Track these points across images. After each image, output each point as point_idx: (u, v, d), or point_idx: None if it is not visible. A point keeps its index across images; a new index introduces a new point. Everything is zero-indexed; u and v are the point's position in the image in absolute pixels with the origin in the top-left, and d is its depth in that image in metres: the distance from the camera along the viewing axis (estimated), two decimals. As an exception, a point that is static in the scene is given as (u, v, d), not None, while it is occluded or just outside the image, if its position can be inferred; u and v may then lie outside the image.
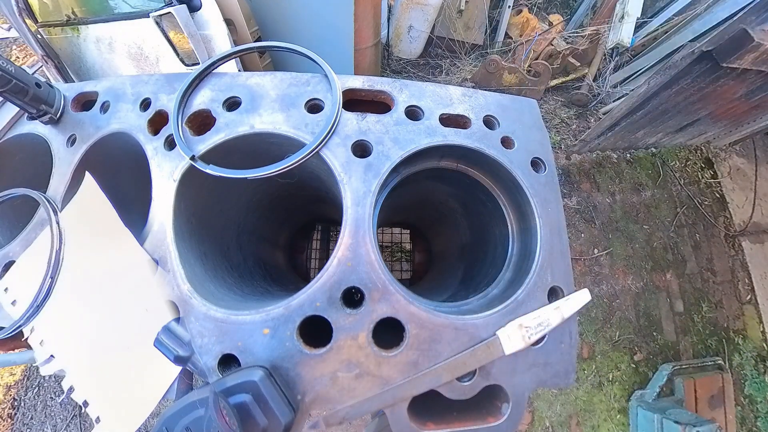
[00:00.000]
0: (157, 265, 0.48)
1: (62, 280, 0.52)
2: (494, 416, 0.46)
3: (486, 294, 0.53)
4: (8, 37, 3.21)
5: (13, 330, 0.51)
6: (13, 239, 0.57)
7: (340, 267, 0.45)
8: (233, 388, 0.39)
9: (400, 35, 2.85)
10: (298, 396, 0.43)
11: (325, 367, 0.43)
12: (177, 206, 0.51)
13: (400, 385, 0.43)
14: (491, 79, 2.46)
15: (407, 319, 0.44)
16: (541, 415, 1.77)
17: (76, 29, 1.63)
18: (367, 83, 0.54)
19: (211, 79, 0.55)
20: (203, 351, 0.44)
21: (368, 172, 0.49)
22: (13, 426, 1.90)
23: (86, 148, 0.57)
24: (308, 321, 0.44)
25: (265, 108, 0.52)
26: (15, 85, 0.52)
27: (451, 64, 2.91)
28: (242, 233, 0.77)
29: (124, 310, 0.49)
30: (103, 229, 0.52)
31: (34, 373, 2.02)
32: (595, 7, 2.88)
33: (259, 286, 0.71)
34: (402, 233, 1.35)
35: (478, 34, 2.94)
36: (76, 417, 1.86)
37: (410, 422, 0.44)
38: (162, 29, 1.39)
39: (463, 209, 0.78)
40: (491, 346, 0.43)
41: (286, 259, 1.14)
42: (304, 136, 0.50)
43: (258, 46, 0.59)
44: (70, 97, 0.62)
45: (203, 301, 0.46)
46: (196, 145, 0.50)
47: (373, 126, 0.51)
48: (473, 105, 0.54)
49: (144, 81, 0.58)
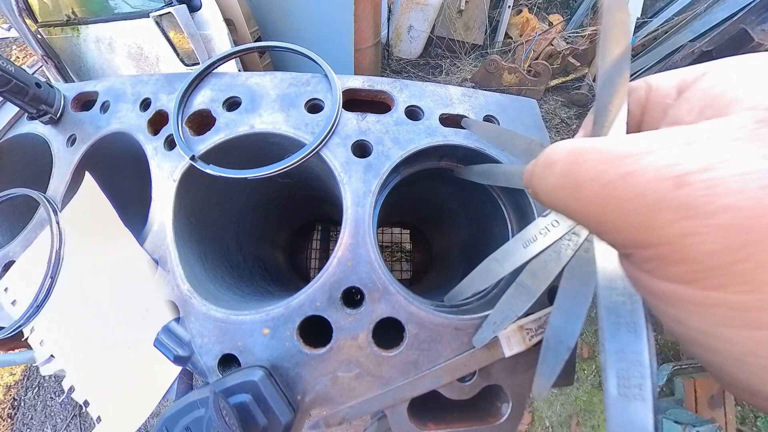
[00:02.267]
0: (157, 265, 0.48)
1: (62, 280, 0.52)
2: (494, 416, 0.46)
3: (486, 294, 0.53)
4: (8, 37, 3.21)
5: (13, 330, 0.51)
6: (13, 239, 0.57)
7: (340, 267, 0.45)
8: (233, 388, 0.39)
9: (400, 35, 2.85)
10: (298, 396, 0.43)
11: (325, 367, 0.43)
12: (177, 206, 0.51)
13: (401, 385, 0.43)
14: (491, 79, 2.46)
15: (407, 319, 0.44)
16: (541, 415, 1.77)
17: (76, 29, 1.63)
18: (367, 83, 0.54)
19: (211, 79, 0.55)
20: (203, 351, 0.44)
21: (368, 172, 0.49)
22: (13, 426, 1.90)
23: (86, 148, 0.57)
24: (308, 321, 0.44)
25: (265, 108, 0.52)
26: (15, 85, 0.52)
27: (451, 64, 2.91)
28: (242, 233, 0.77)
29: (124, 310, 0.49)
30: (103, 229, 0.52)
31: (34, 373, 2.02)
32: (595, 7, 2.88)
33: (259, 286, 0.71)
34: (402, 233, 1.34)
35: (478, 34, 2.94)
36: (76, 417, 1.86)
37: (410, 422, 0.44)
38: (162, 29, 1.39)
39: (463, 209, 0.78)
40: (491, 347, 0.43)
41: (286, 259, 1.14)
42: (304, 136, 0.50)
43: (258, 46, 0.59)
44: (70, 97, 0.62)
45: (203, 301, 0.46)
46: (196, 145, 0.50)
47: (373, 126, 0.51)
48: (473, 105, 0.54)
49: (144, 81, 0.58)
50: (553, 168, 0.18)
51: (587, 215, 0.16)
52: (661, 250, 0.14)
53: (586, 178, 0.16)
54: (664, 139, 0.15)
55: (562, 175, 0.17)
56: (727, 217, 0.12)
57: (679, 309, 0.15)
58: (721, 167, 0.13)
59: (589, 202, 0.16)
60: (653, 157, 0.14)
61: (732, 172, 0.12)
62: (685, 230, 0.13)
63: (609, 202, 0.15)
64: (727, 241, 0.12)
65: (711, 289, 0.13)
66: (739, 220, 0.12)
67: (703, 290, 0.14)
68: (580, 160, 0.16)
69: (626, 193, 0.14)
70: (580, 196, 0.16)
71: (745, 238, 0.12)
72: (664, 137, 0.15)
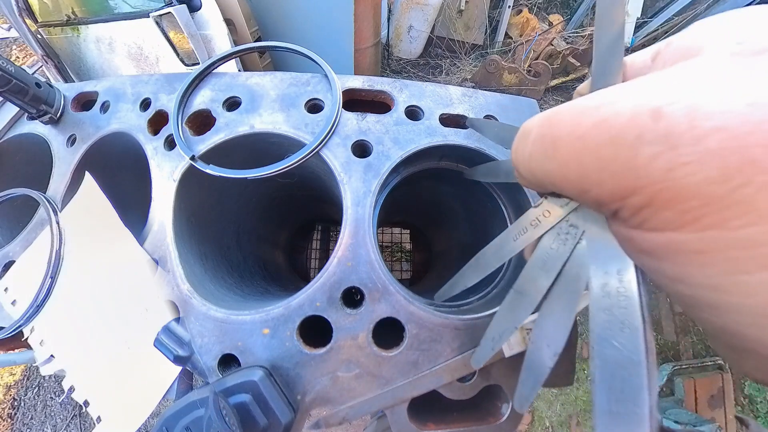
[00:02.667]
0: (157, 265, 0.48)
1: (62, 280, 0.52)
2: (494, 416, 0.46)
3: (486, 294, 0.53)
4: (8, 37, 3.21)
5: (13, 330, 0.51)
6: (13, 239, 0.57)
7: (340, 267, 0.45)
8: (233, 388, 0.39)
9: (400, 35, 2.85)
10: (298, 396, 0.43)
11: (325, 367, 0.43)
12: (177, 206, 0.51)
13: (401, 385, 0.43)
14: (491, 79, 2.46)
15: (407, 319, 0.44)
16: (541, 415, 1.77)
17: (76, 29, 1.63)
18: (367, 83, 0.54)
19: (211, 79, 0.55)
20: (203, 351, 0.44)
21: (368, 172, 0.49)
22: (13, 426, 1.90)
23: (86, 148, 0.57)
24: (308, 321, 0.44)
25: (265, 108, 0.52)
26: (15, 85, 0.52)
27: (451, 64, 2.91)
28: (242, 233, 0.77)
29: (124, 310, 0.49)
30: (103, 229, 0.52)
31: (34, 373, 2.02)
32: (595, 6, 2.87)
33: (259, 286, 0.71)
34: (402, 233, 1.34)
35: (478, 34, 2.94)
36: (76, 417, 1.86)
37: (410, 422, 0.44)
38: (162, 29, 1.39)
39: (463, 209, 0.78)
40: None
41: (286, 259, 1.14)
42: (304, 136, 0.50)
43: (258, 46, 0.59)
44: (70, 97, 0.62)
45: (203, 301, 0.46)
46: (196, 145, 0.50)
47: (373, 126, 0.51)
48: (473, 105, 0.54)
49: (144, 81, 0.58)
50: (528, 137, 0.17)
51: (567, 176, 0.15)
52: (649, 192, 0.13)
53: (560, 135, 0.15)
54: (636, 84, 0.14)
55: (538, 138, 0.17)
56: (716, 139, 0.11)
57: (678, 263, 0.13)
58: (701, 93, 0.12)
59: (566, 160, 0.15)
60: (627, 100, 0.13)
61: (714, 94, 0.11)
62: (672, 162, 0.11)
63: (587, 154, 0.14)
64: (722, 164, 0.11)
65: (711, 228, 0.11)
66: (731, 140, 0.11)
67: (703, 232, 0.12)
68: (553, 121, 0.16)
69: (603, 138, 0.13)
70: (557, 156, 0.15)
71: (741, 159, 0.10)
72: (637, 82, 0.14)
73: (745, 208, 0.11)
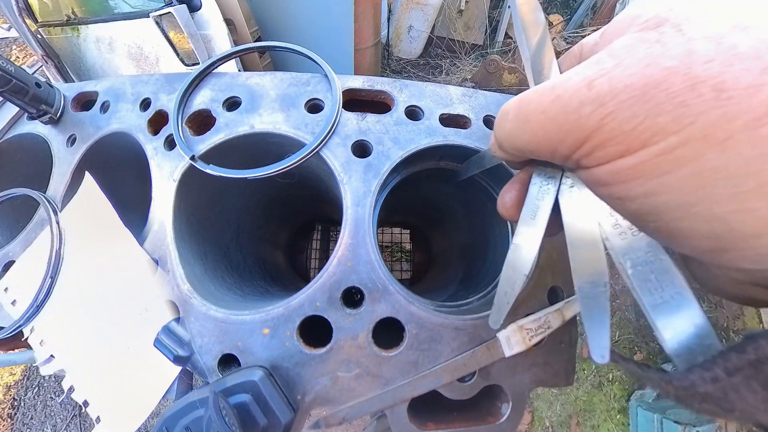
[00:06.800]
0: (157, 265, 0.48)
1: (62, 280, 0.52)
2: (494, 416, 0.46)
3: (486, 294, 0.53)
4: (8, 37, 3.21)
5: (13, 330, 0.51)
6: (13, 239, 0.57)
7: (340, 267, 0.45)
8: (233, 388, 0.39)
9: (400, 35, 2.85)
10: (298, 396, 0.43)
11: (325, 367, 0.43)
12: (177, 206, 0.51)
13: (401, 385, 0.43)
14: (491, 79, 2.46)
15: (407, 319, 0.44)
16: (541, 415, 1.77)
17: (76, 29, 1.63)
18: (367, 83, 0.54)
19: (211, 79, 0.55)
20: (203, 351, 0.44)
21: (368, 172, 0.49)
22: (13, 426, 1.90)
23: (86, 148, 0.57)
24: (308, 321, 0.44)
25: (265, 108, 0.52)
26: (15, 85, 0.52)
27: (451, 64, 2.91)
28: (242, 233, 0.78)
29: (124, 310, 0.49)
30: (103, 229, 0.52)
31: (34, 373, 2.02)
32: (595, 7, 2.87)
33: (259, 286, 0.71)
34: (402, 233, 1.34)
35: (478, 34, 2.94)
36: (76, 417, 1.87)
37: (410, 422, 0.44)
38: (162, 29, 1.39)
39: (463, 209, 0.78)
40: (491, 348, 0.43)
41: (286, 259, 1.14)
42: (304, 136, 0.50)
43: (258, 46, 0.59)
44: (70, 97, 0.62)
45: (203, 301, 0.46)
46: (196, 145, 0.50)
47: (373, 126, 0.51)
48: (473, 105, 0.54)
49: (144, 81, 0.58)
50: (507, 116, 0.23)
51: (539, 142, 0.21)
52: (593, 138, 0.18)
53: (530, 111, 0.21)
54: (578, 68, 0.19)
55: (515, 117, 0.22)
56: (626, 91, 0.16)
57: (623, 183, 0.18)
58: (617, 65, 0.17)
59: (536, 130, 0.20)
60: (571, 81, 0.18)
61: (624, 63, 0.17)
62: (602, 114, 0.17)
63: (549, 123, 0.19)
64: (631, 106, 0.16)
65: (636, 150, 0.16)
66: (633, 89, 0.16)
67: (632, 154, 0.17)
68: (525, 101, 0.21)
69: (558, 109, 0.19)
70: (529, 128, 0.21)
71: (639, 98, 0.16)
72: (580, 67, 0.19)
73: (654, 130, 0.15)
